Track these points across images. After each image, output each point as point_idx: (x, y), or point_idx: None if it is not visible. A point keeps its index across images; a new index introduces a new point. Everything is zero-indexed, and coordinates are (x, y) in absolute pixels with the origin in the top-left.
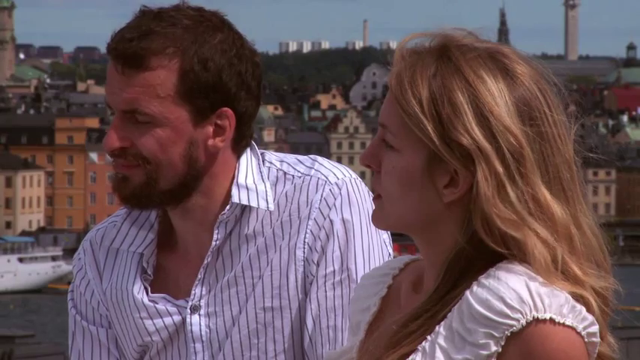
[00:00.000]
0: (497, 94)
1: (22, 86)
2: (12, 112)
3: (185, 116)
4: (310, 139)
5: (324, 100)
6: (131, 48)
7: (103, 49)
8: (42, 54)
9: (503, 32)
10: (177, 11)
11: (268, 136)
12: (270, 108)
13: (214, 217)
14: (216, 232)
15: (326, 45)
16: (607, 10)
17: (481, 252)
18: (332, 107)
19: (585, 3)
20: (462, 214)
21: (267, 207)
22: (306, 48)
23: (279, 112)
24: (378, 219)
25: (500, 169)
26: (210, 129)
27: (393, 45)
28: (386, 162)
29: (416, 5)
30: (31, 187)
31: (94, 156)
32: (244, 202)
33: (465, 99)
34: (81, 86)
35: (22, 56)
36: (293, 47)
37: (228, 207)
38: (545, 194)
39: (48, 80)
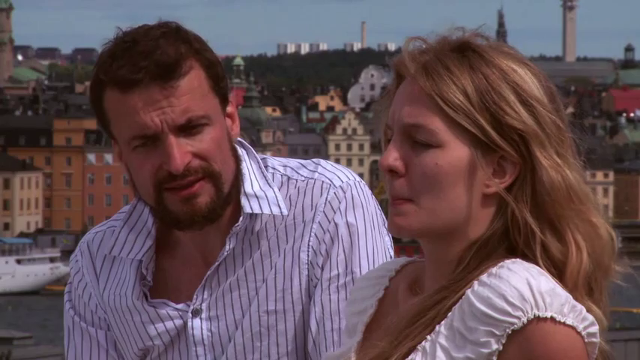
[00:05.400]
0: (530, 82)
1: (20, 88)
2: (10, 113)
3: (219, 109)
4: (308, 140)
5: (322, 102)
6: (163, 59)
7: (100, 51)
8: (40, 55)
9: (501, 34)
10: (151, 28)
11: (266, 137)
12: (269, 109)
13: (219, 221)
14: (228, 242)
15: (324, 47)
16: (605, 11)
17: (495, 249)
18: (330, 109)
19: (583, 4)
20: (494, 208)
21: (281, 212)
22: (304, 50)
23: (277, 113)
24: (406, 223)
25: (545, 155)
26: (229, 118)
27: (391, 47)
28: (423, 161)
29: (414, 7)
30: (29, 188)
31: (92, 157)
32: (256, 210)
33: (507, 88)
34: (79, 88)
35: (20, 58)
36: (291, 49)
37: (241, 218)
38: (581, 181)
39: (46, 82)
